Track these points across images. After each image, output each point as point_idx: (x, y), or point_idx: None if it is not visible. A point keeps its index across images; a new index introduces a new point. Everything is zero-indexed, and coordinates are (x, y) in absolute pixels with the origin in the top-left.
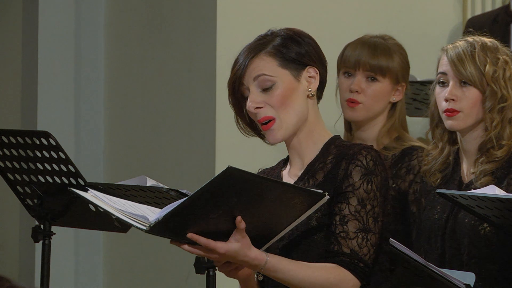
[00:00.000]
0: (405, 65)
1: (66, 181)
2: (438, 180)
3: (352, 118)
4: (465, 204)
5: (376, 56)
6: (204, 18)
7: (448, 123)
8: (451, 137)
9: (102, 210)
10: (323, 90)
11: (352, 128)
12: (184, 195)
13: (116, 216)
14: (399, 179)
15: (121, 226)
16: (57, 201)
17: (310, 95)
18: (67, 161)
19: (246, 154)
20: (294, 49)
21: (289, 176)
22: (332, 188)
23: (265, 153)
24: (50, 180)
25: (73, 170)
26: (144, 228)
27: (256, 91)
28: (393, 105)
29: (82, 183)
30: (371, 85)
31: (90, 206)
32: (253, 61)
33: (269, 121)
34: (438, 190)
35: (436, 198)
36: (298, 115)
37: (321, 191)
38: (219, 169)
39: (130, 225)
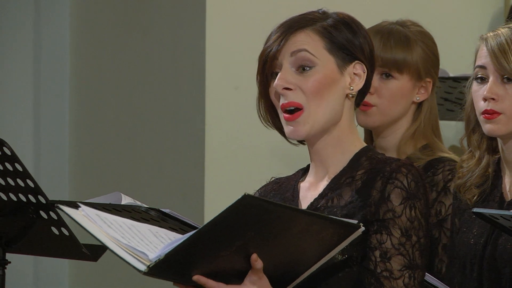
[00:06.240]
0: (430, 57)
1: (24, 199)
2: (475, 197)
3: (365, 124)
4: (507, 226)
5: (389, 47)
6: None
7: (487, 127)
8: (491, 144)
9: (95, 237)
10: (364, 97)
11: (373, 137)
12: (167, 215)
13: (111, 250)
14: None
15: (90, 253)
16: (12, 223)
17: (350, 95)
18: (25, 175)
19: (241, 164)
20: (347, 36)
21: (308, 191)
22: (363, 212)
23: (262, 160)
24: (4, 197)
25: (32, 185)
26: (142, 269)
27: (289, 69)
28: (419, 105)
29: (43, 201)
30: (386, 83)
31: (53, 228)
32: (296, 34)
33: (295, 109)
34: (474, 209)
35: (472, 219)
36: (331, 113)
37: (355, 222)
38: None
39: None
